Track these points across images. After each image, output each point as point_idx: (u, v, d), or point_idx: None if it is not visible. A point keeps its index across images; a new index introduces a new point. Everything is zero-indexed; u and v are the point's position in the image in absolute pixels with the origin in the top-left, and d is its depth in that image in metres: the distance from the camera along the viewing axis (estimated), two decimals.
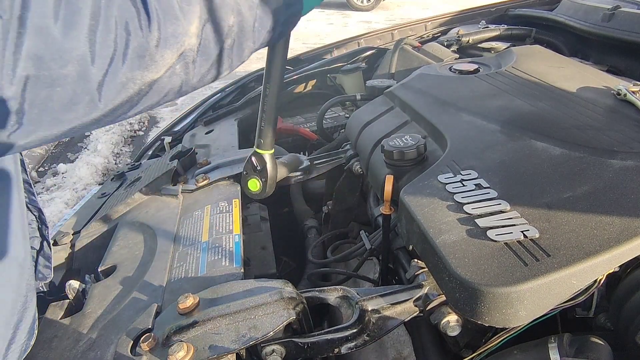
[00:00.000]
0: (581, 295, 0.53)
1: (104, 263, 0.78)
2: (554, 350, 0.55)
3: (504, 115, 0.80)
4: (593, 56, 1.38)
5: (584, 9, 1.43)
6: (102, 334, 0.61)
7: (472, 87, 0.95)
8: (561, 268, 0.48)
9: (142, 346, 0.56)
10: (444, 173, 0.67)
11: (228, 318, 0.58)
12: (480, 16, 1.81)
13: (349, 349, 0.60)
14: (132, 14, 0.38)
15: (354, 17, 7.75)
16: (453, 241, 0.54)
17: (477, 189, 0.62)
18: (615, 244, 0.49)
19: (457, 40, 1.51)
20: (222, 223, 0.83)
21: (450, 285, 0.52)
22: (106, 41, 0.37)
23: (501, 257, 0.51)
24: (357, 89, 1.55)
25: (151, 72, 0.41)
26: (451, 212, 0.59)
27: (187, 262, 0.74)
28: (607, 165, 0.62)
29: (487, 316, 0.49)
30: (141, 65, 0.40)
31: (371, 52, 1.67)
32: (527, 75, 0.96)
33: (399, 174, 0.75)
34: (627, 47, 1.23)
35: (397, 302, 0.61)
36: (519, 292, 0.47)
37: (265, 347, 0.59)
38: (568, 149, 0.67)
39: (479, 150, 0.72)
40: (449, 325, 0.59)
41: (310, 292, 0.64)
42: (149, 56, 0.40)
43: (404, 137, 0.78)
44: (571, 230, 0.52)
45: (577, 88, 0.88)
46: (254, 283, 0.64)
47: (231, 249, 0.76)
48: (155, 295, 0.67)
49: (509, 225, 0.55)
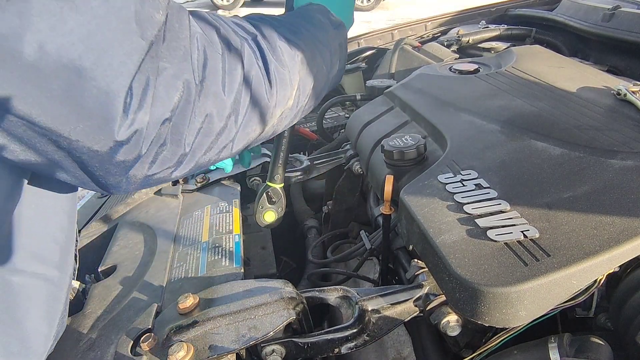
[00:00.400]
0: (581, 295, 0.53)
1: (104, 263, 0.78)
2: (554, 350, 0.55)
3: (504, 115, 0.80)
4: (593, 56, 1.38)
5: (584, 9, 1.43)
6: (102, 334, 0.61)
7: (472, 87, 0.95)
8: (561, 268, 0.48)
9: (142, 346, 0.56)
10: (444, 173, 0.67)
11: (228, 318, 0.58)
12: (480, 16, 1.81)
13: (349, 349, 0.60)
14: (261, 82, 0.48)
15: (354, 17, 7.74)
16: (453, 241, 0.54)
17: (477, 189, 0.62)
18: (615, 244, 0.49)
19: (457, 40, 1.51)
20: (222, 223, 0.83)
21: (450, 285, 0.52)
22: (245, 103, 0.47)
23: (501, 257, 0.51)
24: (357, 89, 1.55)
25: (266, 126, 0.52)
26: (451, 212, 0.59)
27: (187, 262, 0.74)
28: (607, 165, 0.62)
29: (487, 316, 0.49)
30: (261, 120, 0.50)
31: (371, 52, 1.66)
32: (527, 75, 0.96)
33: (399, 174, 0.75)
34: (627, 47, 1.23)
35: (397, 302, 0.61)
36: (519, 292, 0.47)
37: (265, 347, 0.59)
38: (568, 148, 0.67)
39: (479, 150, 0.72)
40: (449, 325, 0.59)
41: (310, 292, 0.64)
42: (269, 114, 0.50)
43: (404, 137, 0.78)
44: (571, 230, 0.52)
45: (577, 88, 0.88)
46: (254, 283, 0.64)
47: (231, 249, 0.76)
48: (155, 295, 0.67)
49: (509, 225, 0.55)
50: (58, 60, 0.31)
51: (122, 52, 0.34)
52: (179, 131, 0.40)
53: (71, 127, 0.33)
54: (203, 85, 0.41)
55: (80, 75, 0.32)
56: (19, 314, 0.45)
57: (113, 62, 0.34)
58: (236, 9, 8.95)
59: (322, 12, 0.62)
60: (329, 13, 0.63)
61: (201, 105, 0.42)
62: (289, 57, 0.52)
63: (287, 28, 0.54)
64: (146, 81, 0.36)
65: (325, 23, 0.60)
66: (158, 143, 0.39)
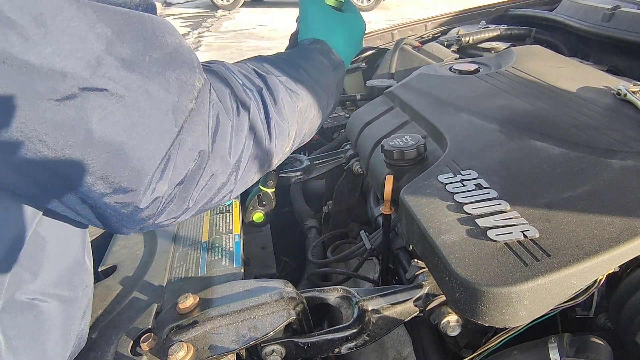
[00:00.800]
0: (581, 295, 0.53)
1: (104, 263, 0.78)
2: (554, 350, 0.55)
3: (504, 115, 0.80)
4: (593, 56, 1.38)
5: (584, 9, 1.43)
6: (102, 334, 0.61)
7: (472, 87, 0.95)
8: (561, 268, 0.48)
9: (142, 346, 0.56)
10: (444, 173, 0.67)
11: (228, 318, 0.58)
12: (480, 16, 1.80)
13: (349, 349, 0.61)
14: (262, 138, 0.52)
15: None
16: (453, 241, 0.54)
17: (477, 189, 0.62)
18: (615, 244, 0.49)
19: (457, 40, 1.50)
20: (222, 223, 0.84)
21: (450, 285, 0.52)
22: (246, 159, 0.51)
23: (501, 257, 0.51)
24: (357, 89, 1.55)
25: (264, 173, 0.56)
26: (451, 212, 0.59)
27: (187, 262, 0.74)
28: (607, 165, 0.62)
29: (487, 316, 0.49)
30: (260, 170, 0.54)
31: (371, 52, 1.66)
32: (527, 75, 0.96)
33: (399, 174, 0.75)
34: (627, 47, 1.23)
35: (397, 302, 0.61)
36: (519, 292, 0.47)
37: (265, 347, 0.59)
38: (568, 148, 0.67)
39: (479, 150, 0.72)
40: (449, 325, 0.59)
41: (310, 292, 0.64)
42: (267, 164, 0.55)
43: (404, 137, 0.78)
44: (571, 230, 0.52)
45: (577, 88, 0.88)
46: (254, 283, 0.64)
47: (231, 249, 0.76)
48: (155, 295, 0.68)
49: (509, 225, 0.55)
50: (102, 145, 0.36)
51: (158, 138, 0.39)
52: (187, 190, 0.45)
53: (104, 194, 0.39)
54: (213, 150, 0.46)
55: (119, 157, 0.37)
56: (42, 337, 0.46)
57: (149, 146, 0.39)
58: (236, 9, 8.95)
59: (324, 52, 0.65)
60: (330, 52, 0.66)
61: (208, 168, 0.46)
62: (290, 109, 0.55)
63: (290, 75, 0.57)
64: (169, 157, 0.41)
65: (326, 65, 0.64)
66: (167, 201, 0.44)
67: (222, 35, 7.45)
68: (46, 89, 0.32)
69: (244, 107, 0.50)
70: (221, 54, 6.32)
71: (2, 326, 0.42)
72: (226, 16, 8.67)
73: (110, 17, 0.35)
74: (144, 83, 0.37)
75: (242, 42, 6.94)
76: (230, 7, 9.10)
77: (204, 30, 7.82)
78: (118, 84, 0.36)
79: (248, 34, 6.88)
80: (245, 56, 0.80)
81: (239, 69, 0.54)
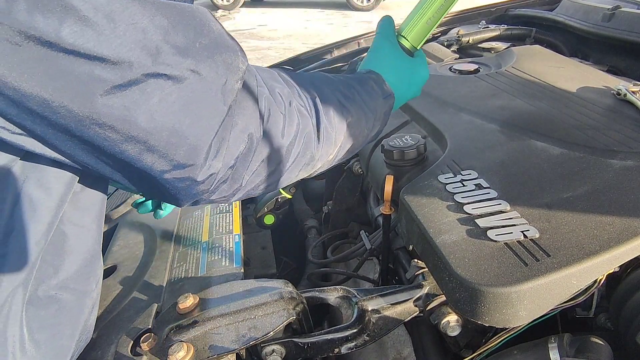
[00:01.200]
0: (581, 295, 0.53)
1: (104, 263, 0.78)
2: (554, 350, 0.55)
3: (504, 115, 0.80)
4: (593, 56, 1.38)
5: (584, 9, 1.43)
6: (102, 334, 0.61)
7: (472, 87, 0.95)
8: (561, 268, 0.48)
9: (142, 346, 0.56)
10: (444, 173, 0.67)
11: (228, 318, 0.58)
12: (480, 16, 1.80)
13: (349, 349, 0.60)
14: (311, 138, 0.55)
15: (354, 17, 7.75)
16: (453, 241, 0.54)
17: (477, 189, 0.62)
18: (615, 244, 0.49)
19: (457, 40, 1.50)
20: (222, 223, 0.84)
21: (450, 285, 0.52)
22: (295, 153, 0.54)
23: (501, 257, 0.51)
24: None
25: (307, 173, 0.59)
26: (451, 212, 0.59)
27: (187, 262, 0.74)
28: (607, 165, 0.62)
29: (487, 316, 0.49)
30: (305, 169, 0.57)
31: None
32: (527, 75, 0.96)
33: (399, 174, 0.75)
34: (627, 47, 1.23)
35: (397, 302, 0.61)
36: (519, 292, 0.47)
37: (265, 347, 0.59)
38: (568, 148, 0.67)
39: (479, 150, 0.72)
40: (449, 325, 0.59)
41: (310, 292, 0.64)
42: (311, 164, 0.57)
43: (404, 137, 0.78)
44: (571, 230, 0.52)
45: (577, 88, 0.88)
46: (254, 283, 0.64)
47: (231, 249, 0.76)
48: (155, 295, 0.67)
49: (509, 225, 0.55)
50: (162, 125, 0.40)
51: (209, 116, 0.43)
52: (239, 172, 0.49)
53: (165, 170, 0.43)
54: (263, 137, 0.50)
55: (177, 135, 0.42)
56: (60, 331, 0.49)
57: (202, 123, 0.43)
58: (236, 9, 8.96)
59: (377, 82, 0.68)
60: (383, 83, 0.68)
61: (259, 153, 0.50)
62: (339, 120, 0.59)
63: (342, 93, 0.62)
64: (223, 136, 0.45)
65: (377, 92, 0.67)
66: (221, 181, 0.48)
67: None
68: (116, 77, 0.37)
69: (295, 105, 0.54)
70: None
71: (27, 319, 0.45)
72: (226, 16, 8.67)
73: (165, 9, 0.40)
74: (196, 66, 0.41)
75: (242, 42, 6.93)
76: (230, 7, 9.11)
77: None
78: (175, 68, 0.40)
79: (248, 34, 6.88)
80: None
81: (297, 77, 0.59)
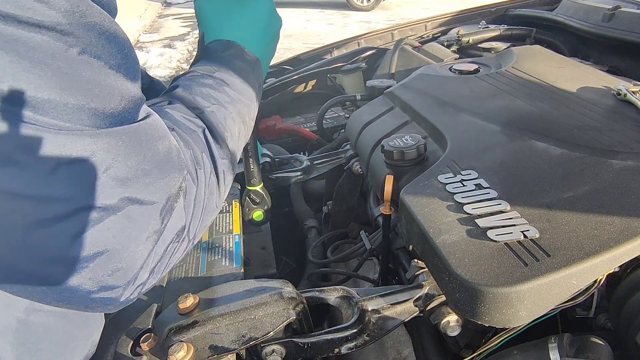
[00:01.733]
0: (581, 295, 0.53)
1: None
2: (554, 350, 0.55)
3: (504, 116, 0.80)
4: (593, 56, 1.38)
5: (584, 9, 1.43)
6: (102, 334, 0.61)
7: (472, 87, 0.95)
8: (561, 268, 0.48)
9: (142, 346, 0.56)
10: (444, 173, 0.67)
11: (228, 318, 0.58)
12: (480, 16, 1.80)
13: (349, 349, 0.60)
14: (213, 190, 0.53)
15: (354, 17, 7.75)
16: (453, 241, 0.54)
17: (477, 189, 0.62)
18: (615, 244, 0.49)
19: (457, 40, 1.50)
20: (222, 223, 0.84)
21: (450, 285, 0.52)
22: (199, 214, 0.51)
23: (501, 257, 0.51)
24: (357, 89, 1.55)
25: (218, 209, 0.57)
26: (451, 212, 0.59)
27: (187, 262, 0.74)
28: (607, 165, 0.62)
29: (487, 316, 0.49)
30: (214, 211, 0.55)
31: (371, 52, 1.66)
32: (527, 76, 0.96)
33: (399, 174, 0.75)
34: (627, 47, 1.23)
35: (397, 302, 0.61)
36: (519, 292, 0.47)
37: (265, 347, 0.59)
38: (568, 149, 0.67)
39: (479, 151, 0.72)
40: (449, 325, 0.59)
41: (310, 292, 0.64)
42: (219, 202, 0.55)
43: (404, 137, 0.78)
44: (571, 230, 0.52)
45: (577, 88, 0.88)
46: (254, 283, 0.64)
47: (231, 249, 0.76)
48: (155, 295, 0.67)
49: (509, 225, 0.55)
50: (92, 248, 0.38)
51: (144, 239, 0.42)
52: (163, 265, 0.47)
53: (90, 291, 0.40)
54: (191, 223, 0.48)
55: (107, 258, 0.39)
56: (38, 355, 0.47)
57: (137, 248, 0.41)
58: None
59: (238, 56, 0.63)
60: (243, 53, 0.63)
61: (185, 240, 0.48)
62: (229, 139, 0.57)
63: (219, 101, 0.58)
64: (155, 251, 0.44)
65: (244, 68, 0.62)
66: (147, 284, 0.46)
67: None
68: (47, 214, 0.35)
69: (198, 164, 0.51)
70: None
71: (10, 343, 0.44)
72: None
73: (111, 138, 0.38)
74: (135, 194, 0.40)
75: None
76: None
77: None
78: (112, 200, 0.38)
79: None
80: None
81: (177, 111, 0.54)
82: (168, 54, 5.98)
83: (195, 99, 0.57)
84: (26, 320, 0.46)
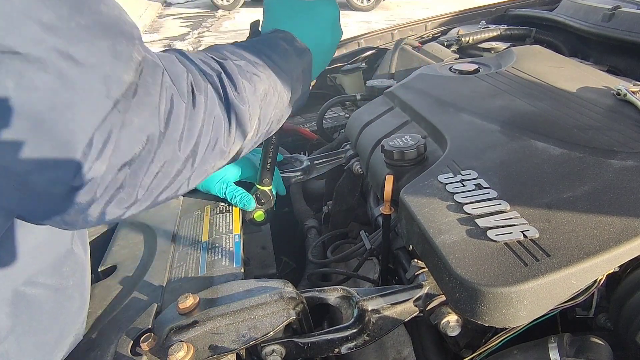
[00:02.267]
0: (581, 295, 0.53)
1: (104, 263, 0.77)
2: (554, 350, 0.55)
3: (504, 116, 0.80)
4: (593, 56, 1.38)
5: (584, 9, 1.43)
6: (102, 334, 0.61)
7: (472, 87, 0.95)
8: (561, 268, 0.48)
9: (142, 346, 0.56)
10: (444, 173, 0.67)
11: (228, 318, 0.58)
12: (480, 16, 1.80)
13: (349, 349, 0.61)
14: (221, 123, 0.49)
15: (354, 17, 7.75)
16: (453, 241, 0.54)
17: (477, 189, 0.62)
18: (615, 244, 0.49)
19: (457, 40, 1.51)
20: (222, 223, 0.84)
21: (450, 285, 0.52)
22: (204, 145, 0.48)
23: (501, 257, 0.51)
24: (357, 89, 1.55)
25: (225, 160, 0.54)
26: (451, 212, 0.59)
27: (187, 262, 0.74)
28: (607, 165, 0.62)
29: (487, 316, 0.49)
30: (220, 157, 0.51)
31: (371, 52, 1.66)
32: (527, 75, 0.96)
33: (399, 174, 0.75)
34: (627, 47, 1.23)
35: (397, 302, 0.61)
36: (519, 292, 0.47)
37: (265, 347, 0.59)
38: (568, 149, 0.67)
39: (479, 151, 0.72)
40: (449, 325, 0.59)
41: (310, 292, 0.64)
42: (227, 151, 0.52)
43: (404, 137, 0.78)
44: (571, 230, 0.52)
45: (577, 88, 0.88)
46: (254, 283, 0.64)
47: (231, 249, 0.76)
48: (155, 295, 0.67)
49: (509, 225, 0.55)
50: (21, 113, 0.34)
51: (86, 110, 0.37)
52: (137, 176, 0.42)
53: (31, 170, 0.36)
54: (165, 134, 0.43)
55: (42, 127, 0.35)
56: (34, 326, 0.47)
57: (75, 117, 0.36)
58: (236, 9, 8.95)
59: (287, 40, 0.62)
60: (294, 40, 0.63)
61: (160, 153, 0.43)
62: (250, 92, 0.54)
63: (250, 60, 0.56)
64: (108, 134, 0.38)
65: (289, 50, 0.61)
66: (114, 187, 0.41)
67: (222, 35, 7.45)
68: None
69: (199, 90, 0.47)
70: None
71: (6, 314, 0.44)
72: (226, 16, 8.67)
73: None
74: (67, 48, 0.35)
75: None
76: (230, 7, 9.10)
77: (204, 30, 7.82)
78: (35, 46, 0.33)
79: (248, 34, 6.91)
80: None
81: (196, 55, 0.53)
82: None
83: (223, 53, 0.56)
84: (22, 292, 0.46)
